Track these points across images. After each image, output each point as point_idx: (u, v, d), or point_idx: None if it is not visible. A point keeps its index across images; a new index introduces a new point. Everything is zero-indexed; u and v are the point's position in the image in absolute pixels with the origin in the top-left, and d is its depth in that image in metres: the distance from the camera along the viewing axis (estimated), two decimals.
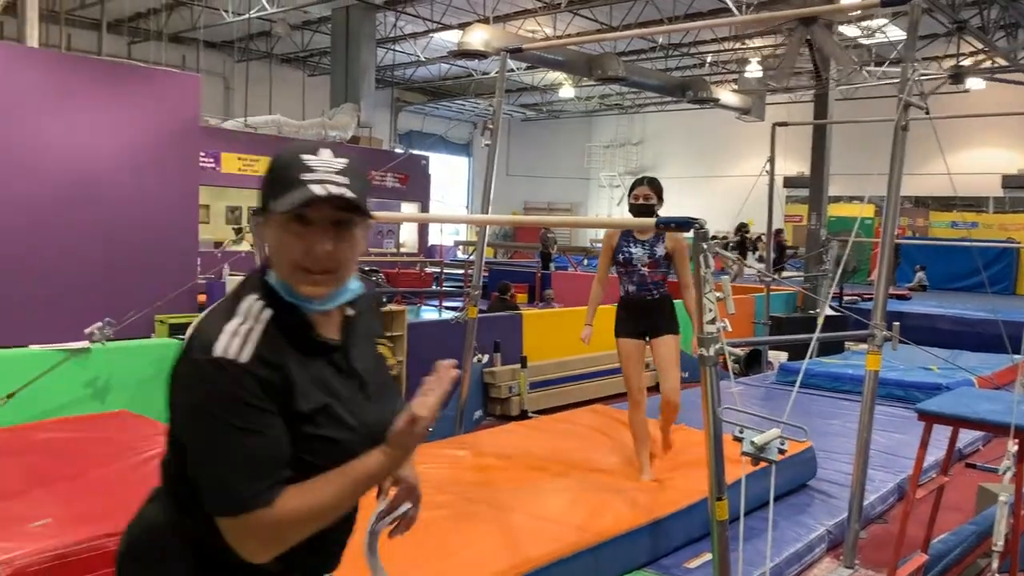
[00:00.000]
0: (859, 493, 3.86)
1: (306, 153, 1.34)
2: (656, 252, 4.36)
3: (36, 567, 2.05)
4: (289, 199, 1.29)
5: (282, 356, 1.31)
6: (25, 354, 4.72)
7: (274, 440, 1.28)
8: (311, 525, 1.31)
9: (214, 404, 1.27)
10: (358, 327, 1.46)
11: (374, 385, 1.46)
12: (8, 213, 8.51)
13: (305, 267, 1.33)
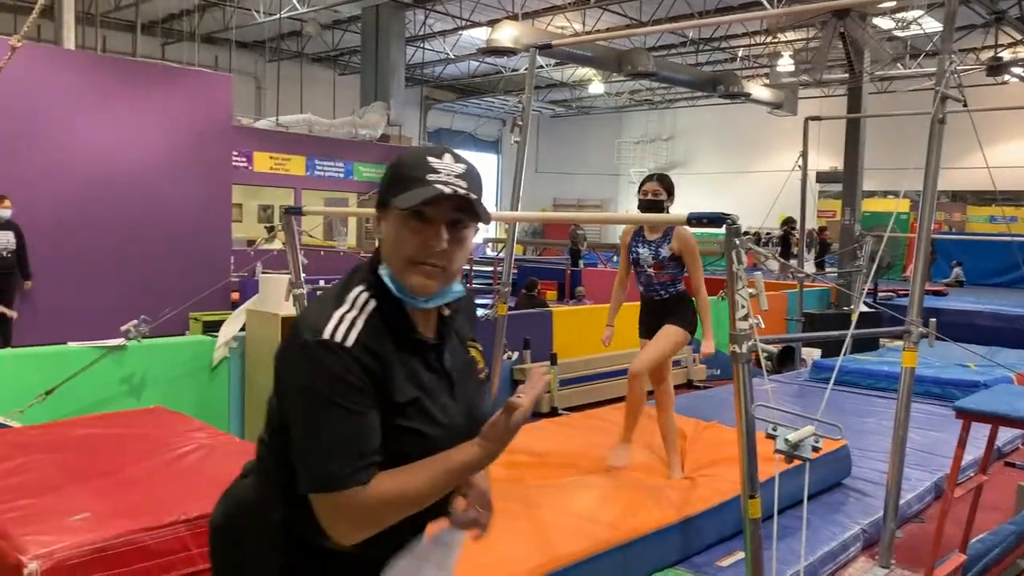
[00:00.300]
0: (895, 491, 3.81)
1: (431, 156, 1.42)
2: (661, 253, 4.28)
3: (75, 560, 2.09)
4: (414, 195, 1.36)
5: (383, 346, 1.37)
6: (63, 351, 4.80)
7: (373, 423, 1.34)
8: (402, 509, 1.35)
9: (321, 383, 1.32)
10: (452, 329, 1.52)
11: (462, 386, 1.51)
12: (46, 212, 8.67)
13: (419, 261, 1.39)
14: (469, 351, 1.58)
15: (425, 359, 1.45)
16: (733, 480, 3.69)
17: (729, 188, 26.29)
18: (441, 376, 1.47)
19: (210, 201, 10.03)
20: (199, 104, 10.00)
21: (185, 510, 2.31)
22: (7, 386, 4.45)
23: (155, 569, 2.23)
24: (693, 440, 4.91)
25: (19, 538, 2.12)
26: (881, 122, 16.55)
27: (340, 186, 16.83)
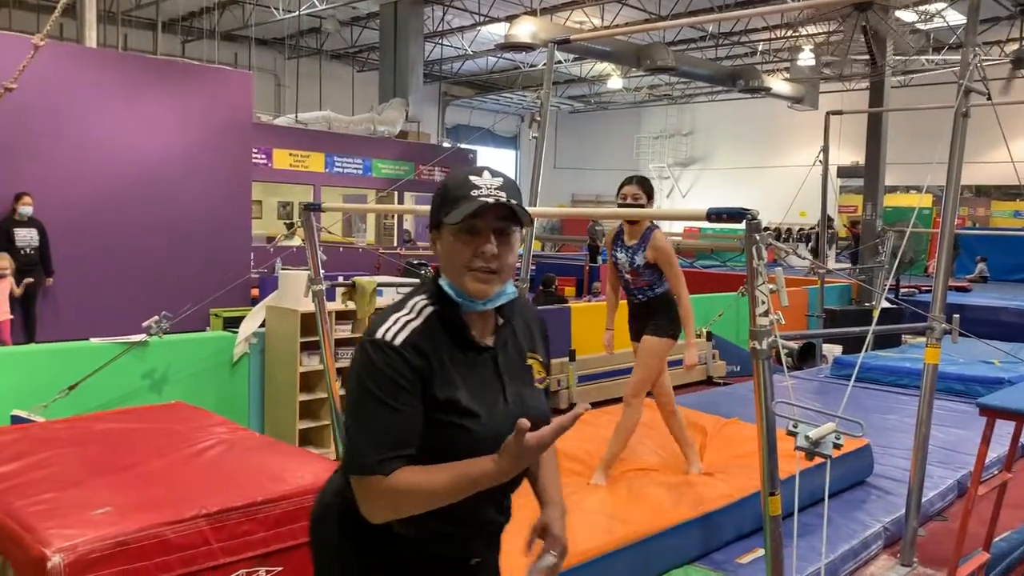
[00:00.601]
0: (917, 489, 3.77)
1: (472, 175, 1.58)
2: (635, 260, 4.25)
3: (97, 554, 2.10)
4: (462, 210, 1.52)
5: (434, 347, 1.53)
6: (86, 347, 4.85)
7: (407, 419, 1.48)
8: (418, 503, 1.48)
9: (366, 377, 1.50)
10: (510, 339, 1.66)
11: (515, 390, 1.62)
12: (69, 210, 8.76)
13: (473, 268, 1.54)
14: (527, 360, 1.68)
15: (480, 361, 1.58)
16: (753, 477, 3.67)
17: (749, 183, 26.12)
18: (495, 378, 1.59)
19: (230, 198, 10.08)
20: (220, 101, 10.06)
21: (206, 504, 2.32)
22: (31, 381, 4.51)
23: (176, 563, 2.24)
24: (713, 436, 4.89)
25: (43, 531, 2.14)
26: (903, 116, 16.38)
27: (359, 183, 16.89)
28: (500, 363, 1.61)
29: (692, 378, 8.21)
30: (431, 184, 18.32)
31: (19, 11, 16.71)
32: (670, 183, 29.91)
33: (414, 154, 17.76)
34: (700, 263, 17.79)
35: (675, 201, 29.27)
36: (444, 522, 1.55)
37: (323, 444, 5.48)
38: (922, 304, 5.16)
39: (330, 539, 1.64)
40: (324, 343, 4.85)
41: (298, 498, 2.49)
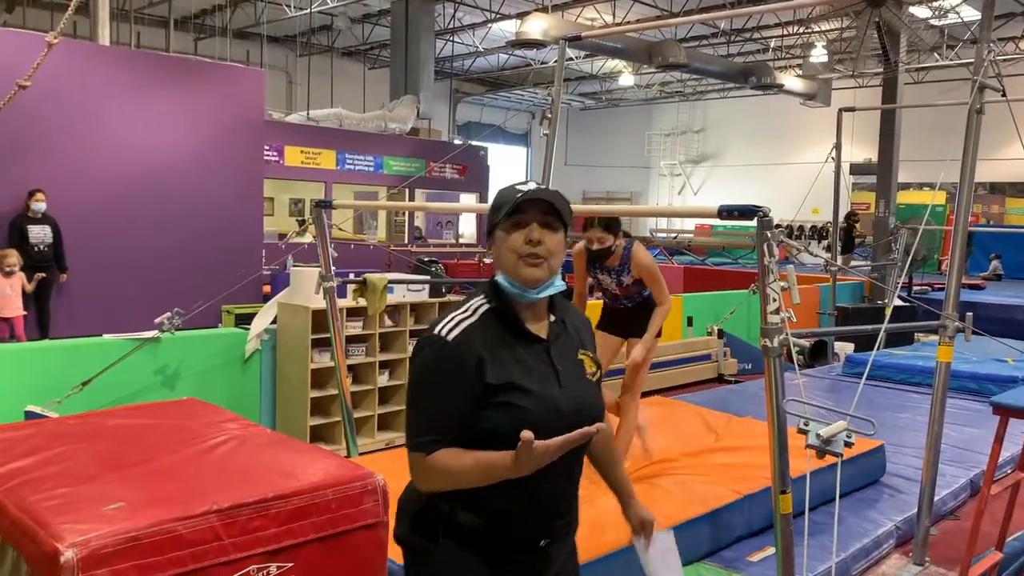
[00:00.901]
0: (930, 488, 3.75)
1: (518, 184, 1.79)
2: (623, 280, 4.31)
3: (110, 549, 2.11)
4: (510, 205, 1.73)
5: (487, 341, 1.71)
6: (99, 343, 4.88)
7: (449, 407, 1.68)
8: (448, 481, 1.69)
9: (421, 367, 1.73)
10: (562, 335, 1.83)
11: (568, 378, 1.78)
12: (82, 206, 8.81)
13: (523, 254, 1.72)
14: (579, 355, 1.85)
15: (534, 352, 1.75)
16: (764, 475, 3.66)
17: (761, 180, 26.01)
18: (548, 366, 1.76)
19: (242, 195, 10.12)
20: (232, 99, 10.09)
21: (217, 500, 2.33)
22: (45, 377, 4.54)
23: (188, 558, 2.25)
24: (724, 434, 4.88)
25: (56, 526, 2.15)
26: (916, 113, 16.29)
27: (370, 180, 16.92)
28: (552, 354, 1.77)
29: (703, 376, 8.20)
30: (442, 181, 18.33)
31: (33, 9, 16.80)
32: (681, 180, 29.81)
33: (425, 151, 17.77)
34: (711, 260, 17.75)
35: (687, 198, 29.18)
36: (502, 500, 1.69)
37: (334, 440, 5.50)
38: (935, 302, 5.12)
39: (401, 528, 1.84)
40: (335, 340, 4.87)
41: (309, 494, 2.49)
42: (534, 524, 1.76)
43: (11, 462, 2.63)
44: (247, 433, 3.02)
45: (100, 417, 3.29)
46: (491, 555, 1.75)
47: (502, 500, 1.69)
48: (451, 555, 1.75)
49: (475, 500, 1.70)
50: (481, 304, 1.77)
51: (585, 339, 1.91)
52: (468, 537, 1.74)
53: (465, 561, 1.75)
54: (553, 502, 1.78)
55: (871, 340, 8.44)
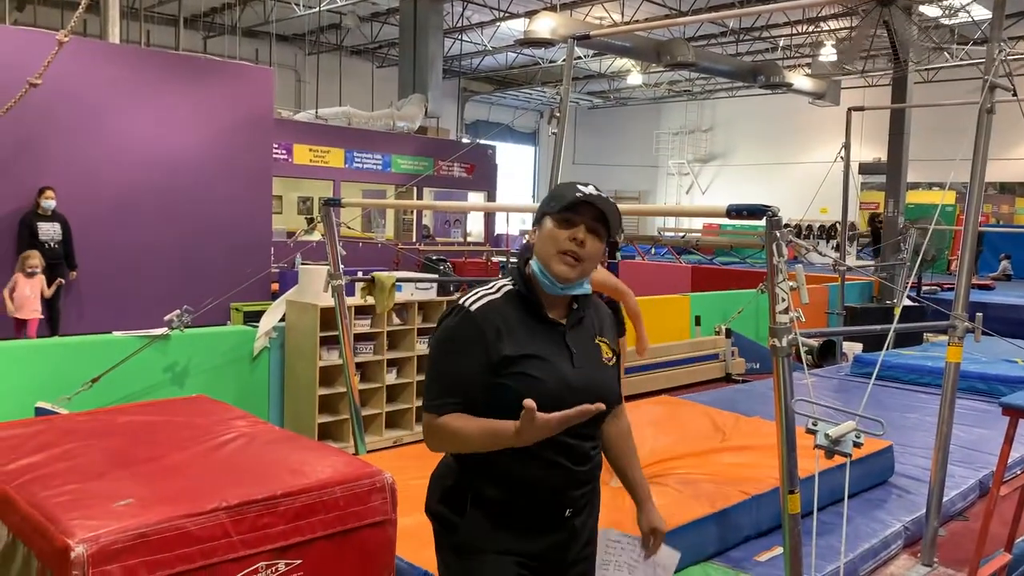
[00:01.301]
0: (939, 489, 3.74)
1: (579, 183, 1.87)
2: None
3: (119, 545, 2.13)
4: (567, 201, 1.82)
5: (506, 316, 1.82)
6: (109, 340, 4.90)
7: (464, 372, 1.79)
8: (456, 444, 1.81)
9: (442, 333, 1.85)
10: (581, 321, 1.92)
11: (582, 359, 1.87)
12: (92, 204, 8.85)
13: (563, 251, 1.81)
14: (596, 340, 1.94)
15: (550, 333, 1.85)
16: (772, 475, 3.66)
17: (769, 179, 25.96)
18: (563, 347, 1.85)
19: (251, 193, 10.15)
20: (241, 97, 10.12)
21: (226, 497, 2.34)
22: (55, 374, 4.56)
23: (196, 555, 2.26)
24: (732, 434, 4.87)
25: (66, 522, 2.17)
26: (925, 112, 16.22)
27: (378, 178, 16.94)
28: (568, 337, 1.87)
29: (711, 375, 8.19)
30: (450, 180, 18.34)
31: (44, 7, 16.88)
32: (689, 179, 29.76)
33: (433, 150, 17.79)
34: (719, 259, 17.71)
35: (695, 197, 29.12)
36: (526, 470, 1.79)
37: (342, 438, 5.51)
38: (944, 302, 5.10)
39: (431, 501, 1.94)
40: (343, 338, 4.88)
41: (317, 492, 2.50)
42: (555, 494, 1.84)
43: (22, 458, 2.64)
44: (256, 430, 3.03)
45: (110, 414, 3.31)
46: (517, 525, 1.84)
47: (526, 470, 1.79)
48: (477, 524, 1.84)
49: (501, 472, 1.80)
50: (505, 284, 1.88)
51: (605, 327, 2.00)
52: (494, 507, 1.83)
53: (491, 530, 1.83)
54: (571, 473, 1.85)
55: (879, 340, 8.41)
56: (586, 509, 1.94)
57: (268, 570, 2.39)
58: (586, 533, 1.96)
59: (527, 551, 1.85)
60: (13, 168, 8.41)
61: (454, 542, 1.88)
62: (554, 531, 1.87)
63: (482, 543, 1.84)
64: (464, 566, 1.86)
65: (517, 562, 1.85)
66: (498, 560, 1.83)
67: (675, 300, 9.04)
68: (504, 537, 1.83)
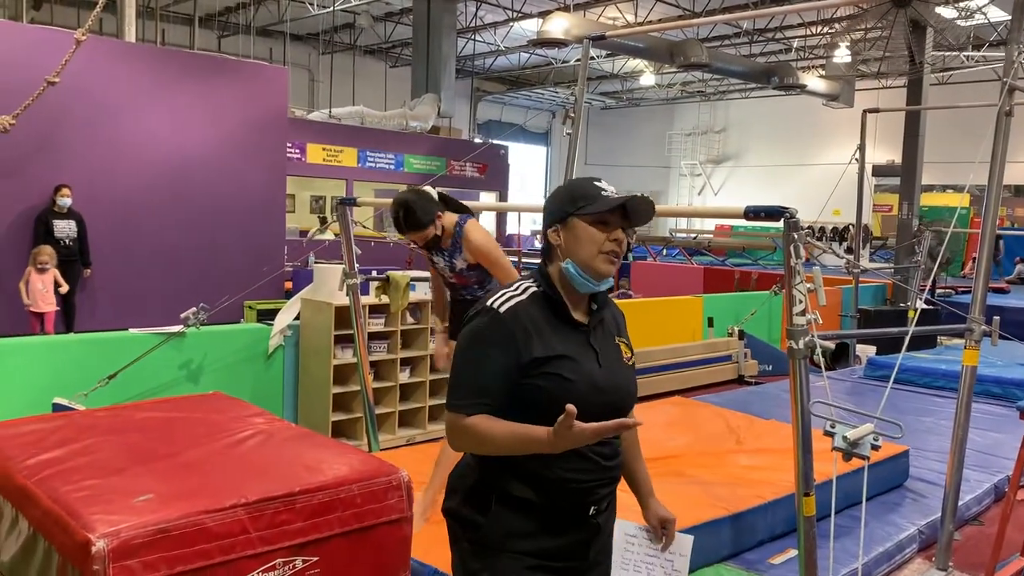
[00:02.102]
0: (954, 493, 3.72)
1: (595, 182, 1.91)
2: (455, 265, 3.82)
3: (139, 540, 2.14)
4: (603, 204, 1.86)
5: (533, 318, 1.83)
6: (125, 337, 4.94)
7: (493, 374, 1.79)
8: (481, 445, 1.80)
9: (470, 333, 1.85)
10: (601, 323, 1.95)
11: (607, 359, 1.91)
12: (107, 202, 8.90)
13: (607, 251, 1.86)
14: (616, 340, 1.98)
15: (575, 334, 1.87)
16: (787, 478, 3.65)
17: (782, 181, 25.86)
18: (589, 347, 1.88)
19: (265, 192, 10.19)
20: (256, 96, 10.16)
21: (245, 493, 2.35)
22: (72, 370, 4.60)
23: (215, 551, 2.28)
24: (745, 436, 4.86)
25: (87, 517, 2.18)
26: (940, 114, 16.14)
27: (391, 178, 16.98)
28: (592, 338, 1.90)
29: (723, 377, 8.17)
30: (463, 179, 18.35)
31: (60, 6, 16.98)
32: (702, 180, 29.68)
33: (446, 149, 17.81)
34: (732, 261, 17.66)
35: (707, 198, 29.04)
36: (553, 470, 1.79)
37: (355, 436, 5.53)
38: (959, 305, 5.08)
39: (451, 502, 1.94)
40: (358, 336, 4.90)
41: (334, 489, 2.51)
42: (582, 493, 1.85)
43: (42, 453, 2.67)
44: (273, 428, 3.05)
45: (128, 410, 3.33)
46: (541, 524, 1.84)
47: (554, 470, 1.80)
48: (500, 524, 1.84)
49: (527, 471, 1.81)
50: (529, 286, 1.91)
51: (622, 328, 2.05)
52: (519, 506, 1.83)
53: (514, 529, 1.83)
54: (599, 470, 1.87)
55: (893, 343, 8.39)
56: (608, 508, 1.96)
57: (286, 567, 2.40)
58: (608, 532, 1.98)
59: (549, 550, 1.85)
60: (30, 166, 8.48)
61: (475, 541, 1.87)
62: (578, 530, 1.88)
63: (503, 542, 1.84)
64: (482, 565, 1.86)
65: (537, 564, 1.84)
66: (517, 560, 1.83)
67: (688, 301, 9.03)
68: (527, 536, 1.83)
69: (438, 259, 3.87)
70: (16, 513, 2.48)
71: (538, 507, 1.84)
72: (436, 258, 3.88)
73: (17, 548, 2.46)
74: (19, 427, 3.00)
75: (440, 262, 3.87)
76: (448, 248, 3.78)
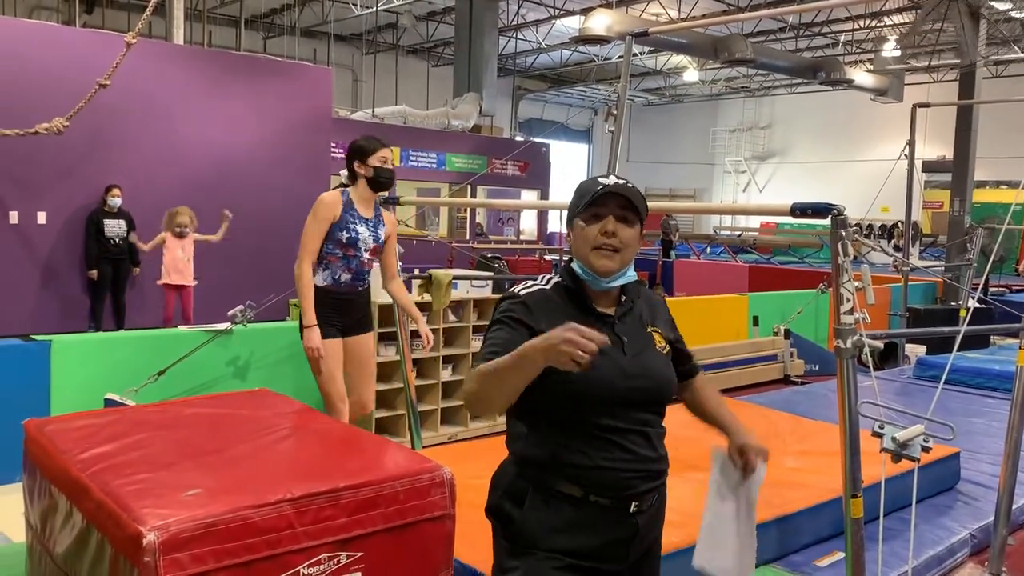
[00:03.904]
0: (1008, 496, 3.63)
1: (600, 177, 1.90)
2: (379, 235, 3.79)
3: (188, 533, 2.18)
4: (589, 198, 1.85)
5: (551, 308, 1.85)
6: (173, 334, 5.03)
7: (510, 337, 1.78)
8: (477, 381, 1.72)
9: (496, 314, 1.89)
10: (631, 311, 1.94)
11: (634, 348, 1.89)
12: (155, 201, 9.07)
13: (597, 246, 1.84)
14: (648, 330, 1.96)
15: (600, 325, 1.81)
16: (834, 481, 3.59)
17: (828, 178, 25.47)
18: (614, 339, 1.85)
19: (310, 191, 10.24)
20: (301, 97, 10.28)
21: (291, 489, 2.37)
22: (122, 367, 4.70)
23: (261, 545, 2.30)
24: (792, 435, 4.79)
25: (138, 510, 2.22)
26: (993, 108, 15.73)
27: (433, 176, 17.06)
28: (617, 327, 1.89)
29: (769, 376, 8.07)
30: (504, 178, 18.38)
31: (111, 10, 17.37)
32: (746, 177, 29.36)
33: (487, 148, 17.85)
34: (777, 259, 17.44)
35: (751, 195, 28.71)
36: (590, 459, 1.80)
37: (399, 433, 5.57)
38: (1014, 304, 4.96)
39: (491, 499, 1.94)
40: (401, 334, 4.92)
41: (378, 485, 2.52)
42: (622, 486, 1.83)
43: (95, 447, 2.72)
44: (318, 424, 3.08)
45: (178, 406, 3.39)
46: (578, 519, 1.83)
47: (590, 458, 1.80)
48: (536, 519, 1.83)
49: (564, 462, 1.81)
50: (552, 278, 1.94)
51: (658, 317, 2.02)
52: (556, 500, 1.83)
53: (549, 526, 1.82)
54: (639, 460, 1.85)
55: (943, 342, 8.21)
56: (651, 510, 1.92)
57: (330, 562, 2.42)
58: (649, 538, 1.94)
59: (584, 549, 1.83)
60: (83, 166, 8.68)
61: (510, 537, 1.87)
62: (616, 527, 1.85)
63: (538, 539, 1.83)
64: (516, 564, 1.85)
65: (572, 563, 1.82)
66: (551, 559, 1.82)
67: (733, 300, 8.93)
68: (562, 532, 1.82)
69: (362, 228, 3.80)
70: (71, 506, 2.54)
71: (576, 501, 1.82)
72: (360, 227, 3.79)
73: (72, 540, 2.52)
74: (73, 422, 3.07)
75: (364, 232, 3.80)
76: (372, 219, 3.83)
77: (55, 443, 2.78)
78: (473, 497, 2.17)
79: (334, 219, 3.74)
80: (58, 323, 8.08)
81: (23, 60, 8.28)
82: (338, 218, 3.74)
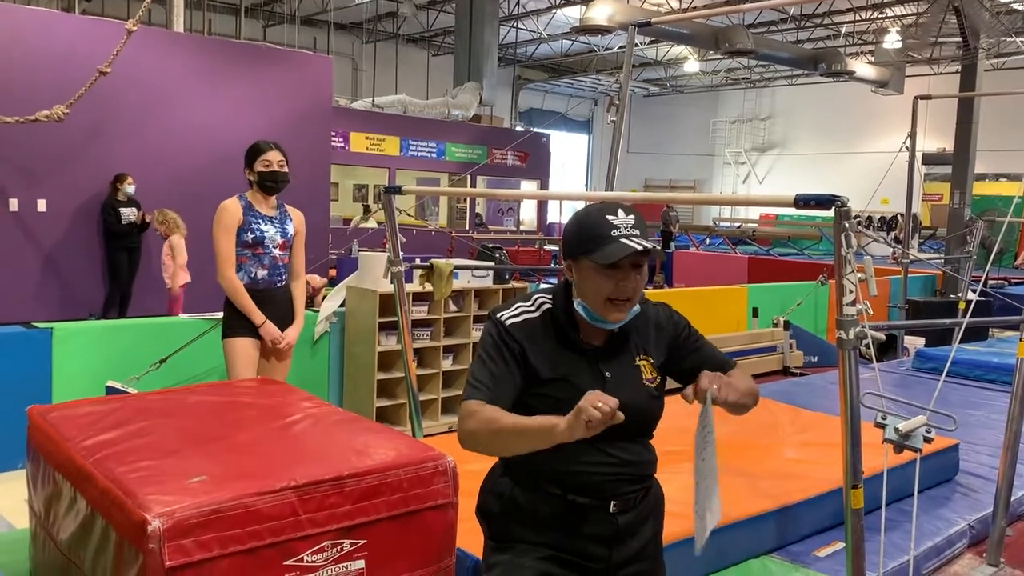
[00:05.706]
0: (1006, 487, 3.65)
1: (607, 213, 1.79)
2: (287, 231, 3.92)
3: (194, 520, 2.19)
4: (610, 252, 1.74)
5: (535, 337, 1.83)
6: (175, 322, 5.04)
7: (502, 374, 1.81)
8: (487, 430, 1.73)
9: (483, 340, 1.89)
10: (621, 343, 1.89)
11: (617, 385, 1.82)
12: (156, 189, 9.06)
13: (615, 299, 1.79)
14: (637, 361, 1.90)
15: (584, 358, 1.84)
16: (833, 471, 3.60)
17: (828, 169, 25.46)
18: (596, 373, 1.84)
19: (310, 180, 10.29)
20: (301, 85, 10.25)
21: (294, 476, 2.38)
22: (125, 354, 4.71)
23: (266, 532, 2.31)
24: (791, 426, 4.81)
25: (143, 497, 2.23)
26: (994, 101, 15.72)
27: (432, 166, 17.05)
28: (601, 363, 1.85)
29: (768, 368, 8.09)
30: (504, 168, 18.36)
31: None
32: (746, 168, 29.33)
33: (487, 138, 17.82)
34: (776, 251, 17.45)
35: (751, 187, 28.69)
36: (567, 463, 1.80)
37: (399, 422, 5.59)
38: (1014, 296, 4.97)
39: (479, 499, 1.99)
40: (402, 323, 4.93)
41: (382, 473, 2.53)
42: (601, 485, 1.85)
43: (99, 435, 2.73)
44: (321, 412, 3.09)
45: (181, 393, 3.40)
46: (556, 514, 1.85)
47: (570, 463, 1.81)
48: (515, 514, 1.88)
49: (546, 463, 1.81)
50: (544, 303, 1.89)
51: (651, 341, 1.94)
52: (536, 496, 1.87)
53: (529, 520, 1.86)
54: (619, 464, 1.86)
55: (942, 334, 8.22)
56: (635, 510, 1.92)
57: (334, 549, 2.43)
58: (639, 539, 1.94)
59: (564, 544, 1.86)
60: (84, 155, 8.67)
61: (494, 535, 1.93)
62: (596, 525, 1.87)
63: (519, 533, 1.87)
64: (498, 557, 1.90)
65: (551, 555, 1.85)
66: (529, 550, 1.85)
67: (732, 291, 8.95)
68: (540, 527, 1.86)
69: (267, 227, 3.92)
70: (75, 492, 2.55)
71: (556, 498, 1.86)
72: (265, 226, 3.91)
73: (76, 526, 2.53)
74: (76, 408, 3.07)
75: (270, 229, 3.92)
76: (277, 216, 3.95)
77: (59, 430, 2.79)
78: (472, 486, 2.18)
79: (239, 223, 3.91)
80: (59, 311, 8.08)
81: (23, 47, 8.25)
82: (242, 221, 3.91)
